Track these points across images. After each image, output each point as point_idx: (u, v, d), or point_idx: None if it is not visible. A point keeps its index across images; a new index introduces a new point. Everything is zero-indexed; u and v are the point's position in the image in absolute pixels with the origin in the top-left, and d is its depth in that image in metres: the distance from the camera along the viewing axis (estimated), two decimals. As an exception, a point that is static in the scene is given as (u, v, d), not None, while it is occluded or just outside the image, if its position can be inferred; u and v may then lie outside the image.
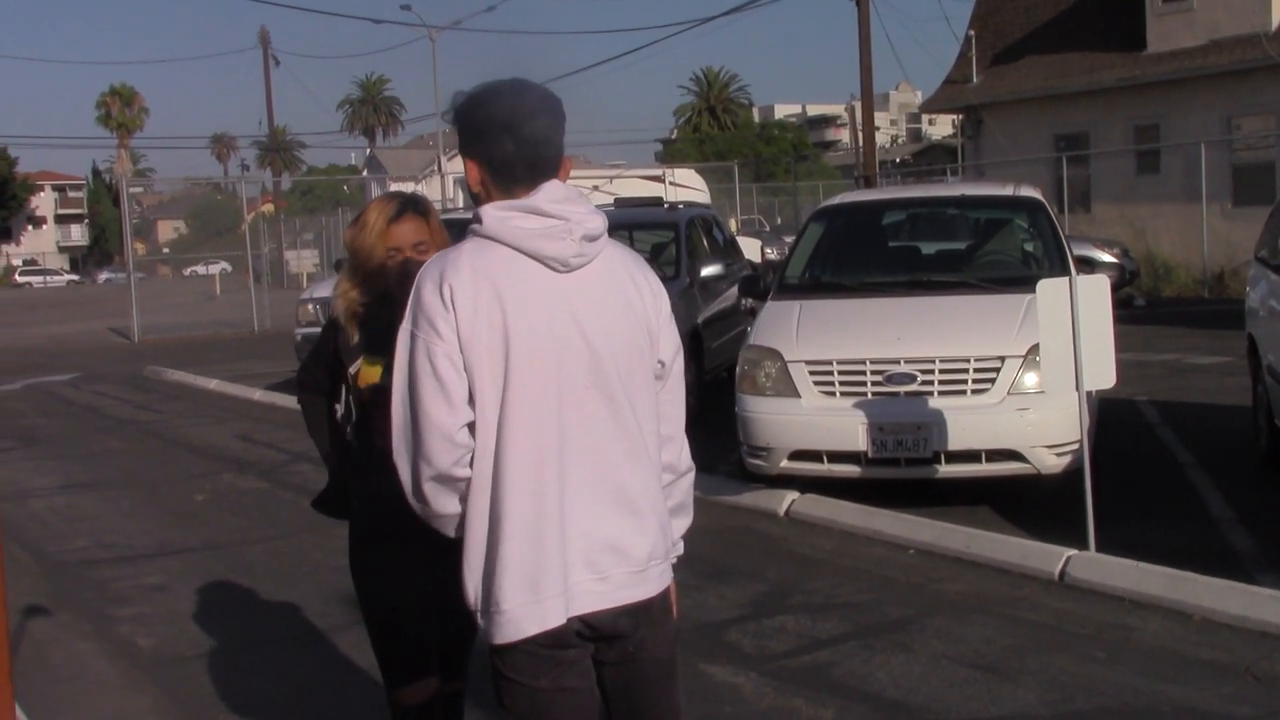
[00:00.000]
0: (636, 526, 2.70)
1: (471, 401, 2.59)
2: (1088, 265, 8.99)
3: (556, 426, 2.62)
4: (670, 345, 2.84)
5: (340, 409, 3.67)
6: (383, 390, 3.45)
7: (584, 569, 2.63)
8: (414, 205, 3.60)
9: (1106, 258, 19.11)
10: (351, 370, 3.56)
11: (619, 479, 2.68)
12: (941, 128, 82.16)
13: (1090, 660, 5.36)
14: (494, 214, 2.65)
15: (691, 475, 2.98)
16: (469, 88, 2.74)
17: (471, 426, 2.60)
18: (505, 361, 2.58)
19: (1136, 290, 21.78)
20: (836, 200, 10.82)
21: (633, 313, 2.74)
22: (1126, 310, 18.18)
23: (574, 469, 2.63)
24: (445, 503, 2.67)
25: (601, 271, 2.72)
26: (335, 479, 3.76)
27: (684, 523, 2.97)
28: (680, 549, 2.91)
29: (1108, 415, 9.26)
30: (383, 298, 3.53)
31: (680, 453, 2.92)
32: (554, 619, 2.60)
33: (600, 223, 2.71)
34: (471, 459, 2.61)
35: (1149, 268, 23.47)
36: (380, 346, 3.48)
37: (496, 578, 2.60)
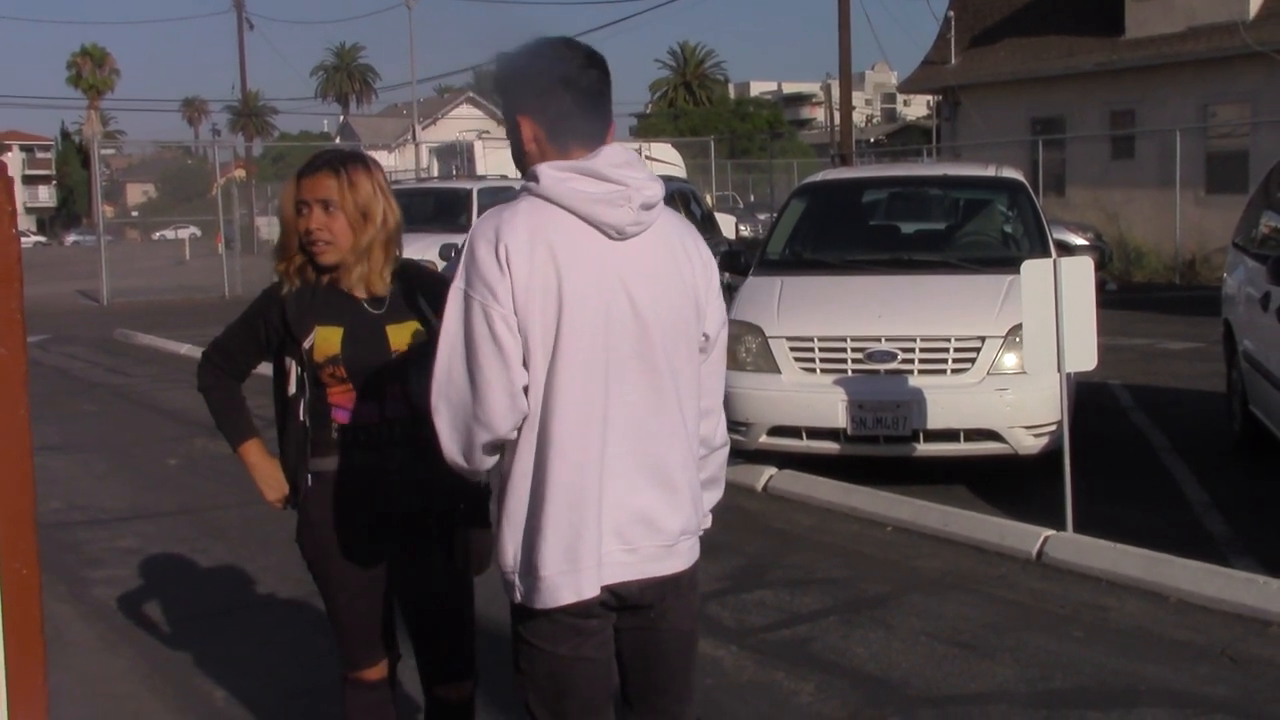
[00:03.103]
0: (670, 501, 2.67)
1: (525, 365, 2.54)
2: (1063, 249, 9.03)
3: (602, 395, 2.57)
4: (716, 319, 2.80)
5: (291, 388, 3.42)
6: (341, 360, 3.34)
7: (614, 539, 2.60)
8: (329, 163, 3.36)
9: (1079, 241, 19.24)
10: (306, 345, 3.35)
11: (656, 452, 2.64)
12: (916, 108, 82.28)
13: (1068, 639, 5.39)
14: (552, 174, 2.56)
15: (726, 450, 2.95)
16: (511, 48, 2.67)
17: (525, 390, 2.55)
18: (556, 326, 2.52)
19: (1108, 275, 21.91)
20: (819, 177, 10.82)
21: (683, 284, 2.69)
22: (1098, 294, 18.27)
23: (614, 439, 2.58)
24: (488, 461, 2.64)
25: (654, 240, 2.65)
26: (286, 465, 3.52)
27: (715, 496, 2.95)
28: (708, 521, 2.88)
29: (1081, 398, 9.31)
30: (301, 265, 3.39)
31: (717, 427, 2.89)
32: (589, 589, 2.57)
33: (658, 190, 2.64)
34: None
35: (1121, 253, 23.60)
36: (330, 315, 3.36)
37: (536, 543, 2.56)
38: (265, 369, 3.58)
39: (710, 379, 2.83)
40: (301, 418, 3.40)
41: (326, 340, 3.34)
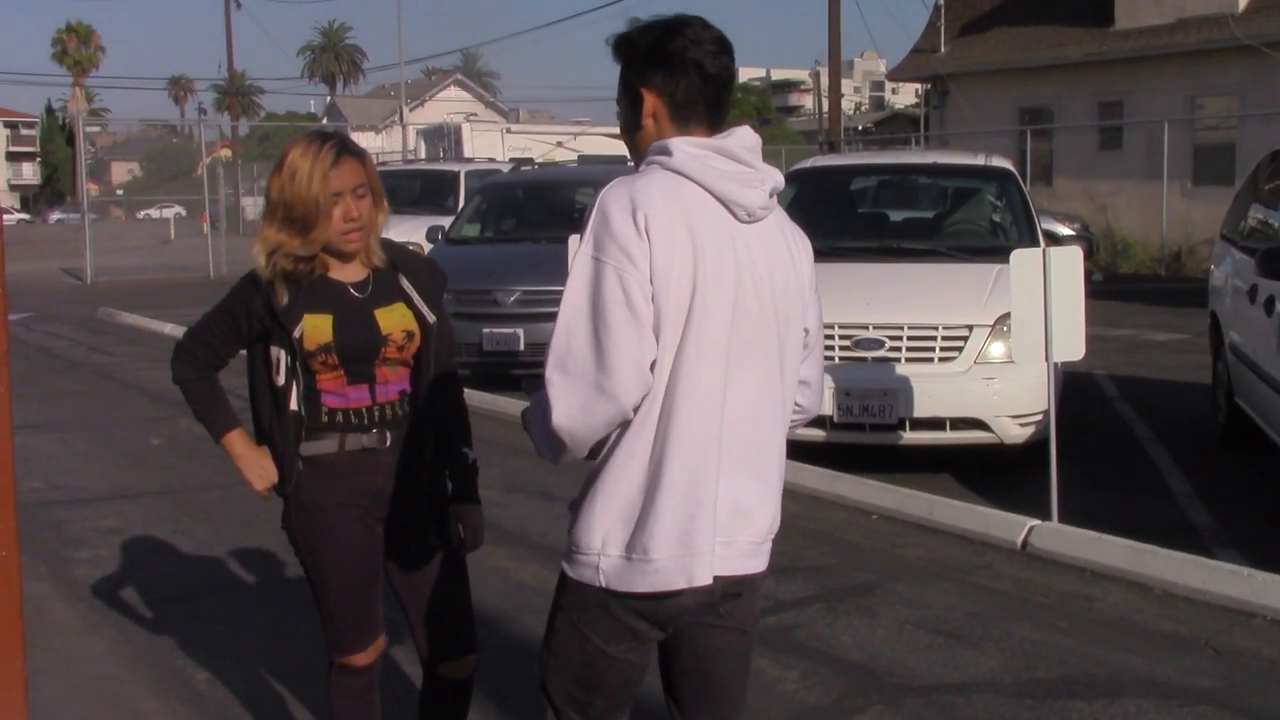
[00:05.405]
0: (765, 496, 2.60)
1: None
2: (1049, 239, 9.04)
3: (723, 379, 2.48)
4: (816, 314, 2.75)
5: (281, 377, 3.31)
6: (333, 348, 3.29)
7: (716, 531, 2.52)
8: (348, 146, 3.33)
9: (1066, 231, 19.26)
10: (296, 334, 3.27)
11: (761, 443, 2.58)
12: (904, 96, 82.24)
13: (1052, 629, 5.40)
14: (687, 150, 2.49)
15: (803, 419, 2.85)
16: (646, 16, 2.61)
17: (653, 365, 2.42)
18: (690, 303, 2.42)
19: (1094, 266, 21.93)
20: (808, 164, 10.80)
21: (795, 275, 2.64)
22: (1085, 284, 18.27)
23: (728, 426, 2.51)
24: (589, 447, 2.47)
25: (772, 228, 2.60)
26: (276, 453, 3.41)
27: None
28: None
29: (1067, 389, 9.31)
30: (316, 253, 3.29)
31: (813, 400, 2.83)
32: (701, 577, 2.48)
33: (780, 179, 2.61)
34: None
35: (1108, 244, 23.61)
36: (319, 304, 3.30)
37: (649, 526, 2.45)
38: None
39: (809, 364, 2.77)
40: (294, 406, 3.33)
41: (317, 328, 3.28)
